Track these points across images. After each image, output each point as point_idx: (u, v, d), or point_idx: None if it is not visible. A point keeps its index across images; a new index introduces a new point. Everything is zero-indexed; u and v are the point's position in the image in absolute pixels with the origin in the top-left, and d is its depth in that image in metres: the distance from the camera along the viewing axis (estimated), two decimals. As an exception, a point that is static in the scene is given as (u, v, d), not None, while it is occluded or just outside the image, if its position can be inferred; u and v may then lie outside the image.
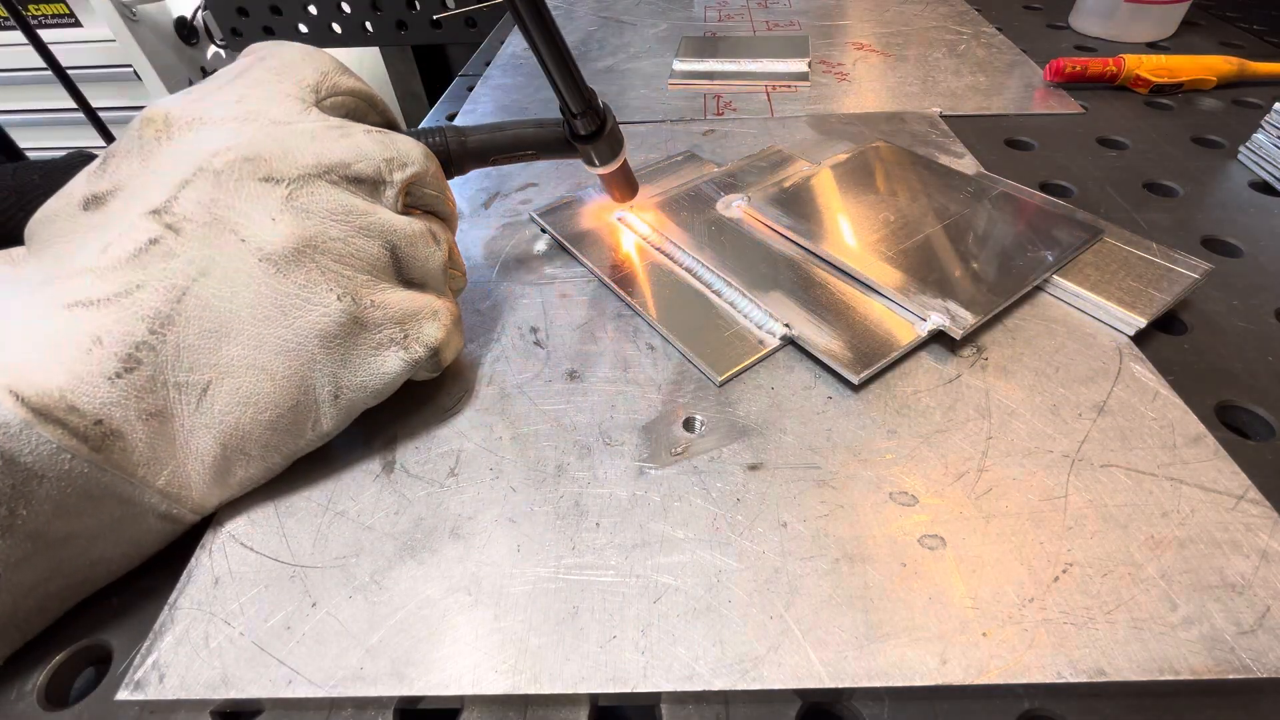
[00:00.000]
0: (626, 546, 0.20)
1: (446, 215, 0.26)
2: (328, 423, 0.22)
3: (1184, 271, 0.28)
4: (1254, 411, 0.24)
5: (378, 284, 0.22)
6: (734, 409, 0.25)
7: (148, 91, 0.97)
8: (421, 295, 0.23)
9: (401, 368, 0.22)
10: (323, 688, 0.18)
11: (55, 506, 0.17)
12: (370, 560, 0.21)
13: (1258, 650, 0.17)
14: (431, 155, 0.25)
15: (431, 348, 0.23)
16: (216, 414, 0.20)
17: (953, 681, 0.17)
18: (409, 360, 0.22)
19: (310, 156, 0.21)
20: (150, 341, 0.19)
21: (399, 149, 0.23)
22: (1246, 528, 0.20)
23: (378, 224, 0.22)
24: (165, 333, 0.19)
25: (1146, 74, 0.44)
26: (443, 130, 0.28)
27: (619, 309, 0.29)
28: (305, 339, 0.20)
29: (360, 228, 0.22)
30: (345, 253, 0.21)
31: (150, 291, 0.19)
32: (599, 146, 0.29)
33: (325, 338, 0.21)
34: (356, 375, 0.22)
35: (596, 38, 0.59)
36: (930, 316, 0.26)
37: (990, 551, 0.20)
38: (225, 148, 0.21)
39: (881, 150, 0.37)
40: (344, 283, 0.21)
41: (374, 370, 0.22)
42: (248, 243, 0.20)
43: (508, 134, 0.29)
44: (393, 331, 0.22)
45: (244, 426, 0.20)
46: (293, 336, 0.20)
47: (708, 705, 0.18)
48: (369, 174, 0.22)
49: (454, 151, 0.28)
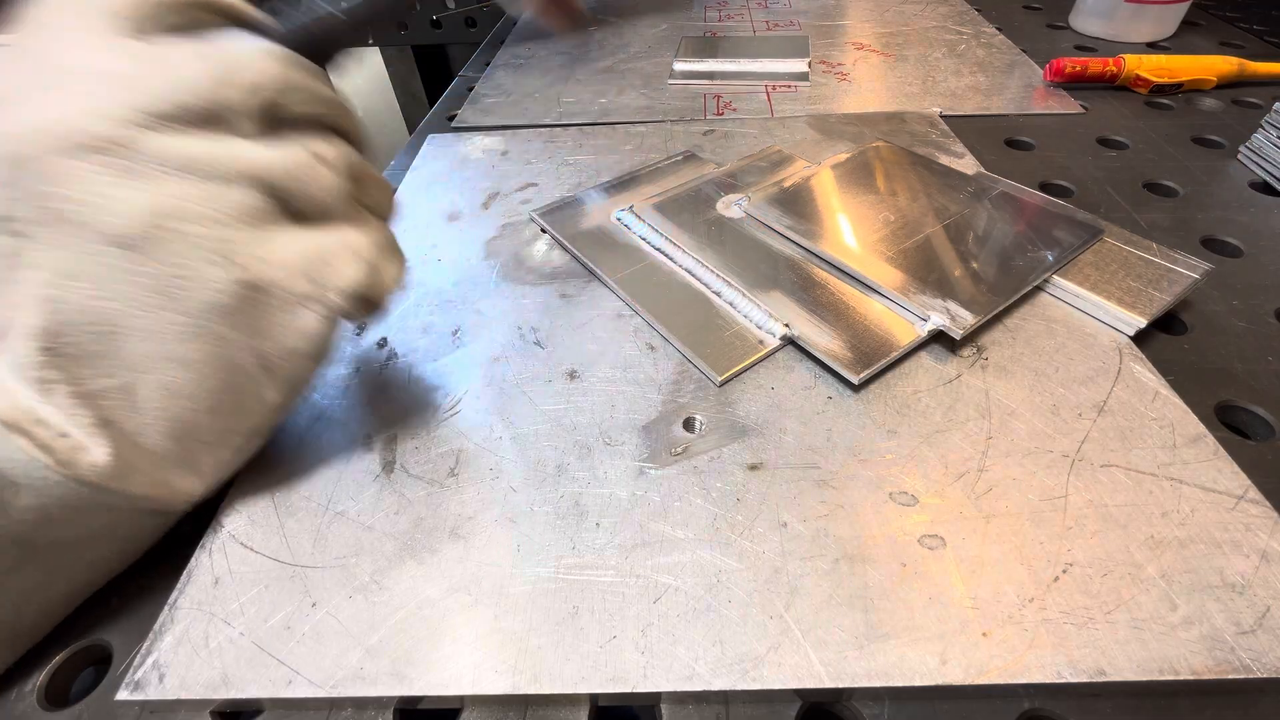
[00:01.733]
0: (626, 546, 0.20)
1: (338, 123, 0.21)
2: (274, 395, 0.20)
3: (1184, 271, 0.28)
4: (1254, 411, 0.24)
5: (263, 235, 0.18)
6: (734, 409, 0.25)
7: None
8: (326, 231, 0.20)
9: (322, 324, 0.20)
10: (323, 688, 0.18)
11: (39, 515, 0.17)
12: (370, 560, 0.21)
13: (1258, 650, 0.17)
14: (290, 56, 0.19)
15: (352, 291, 0.20)
16: (153, 413, 0.18)
17: (953, 681, 0.17)
18: (328, 312, 0.20)
19: (122, 107, 0.17)
20: (50, 361, 0.17)
21: (235, 62, 0.18)
22: (1246, 528, 0.20)
23: (237, 165, 0.18)
24: (60, 347, 0.17)
25: (1146, 74, 0.44)
26: (304, 6, 0.22)
27: (619, 309, 0.29)
28: (202, 319, 0.18)
29: (216, 176, 0.18)
30: (208, 212, 0.18)
31: (27, 312, 0.17)
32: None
33: (223, 312, 0.18)
34: (278, 342, 0.19)
35: (596, 38, 0.59)
36: (930, 316, 0.26)
37: (990, 551, 0.20)
38: (29, 125, 0.16)
39: (881, 150, 0.37)
40: (220, 247, 0.18)
41: (296, 332, 0.19)
42: (96, 230, 0.17)
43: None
44: (300, 284, 0.19)
45: (185, 418, 0.18)
46: (188, 320, 0.18)
47: (708, 705, 0.18)
48: (200, 107, 0.18)
49: (318, 34, 0.22)
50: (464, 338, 0.28)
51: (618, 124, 0.44)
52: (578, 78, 0.51)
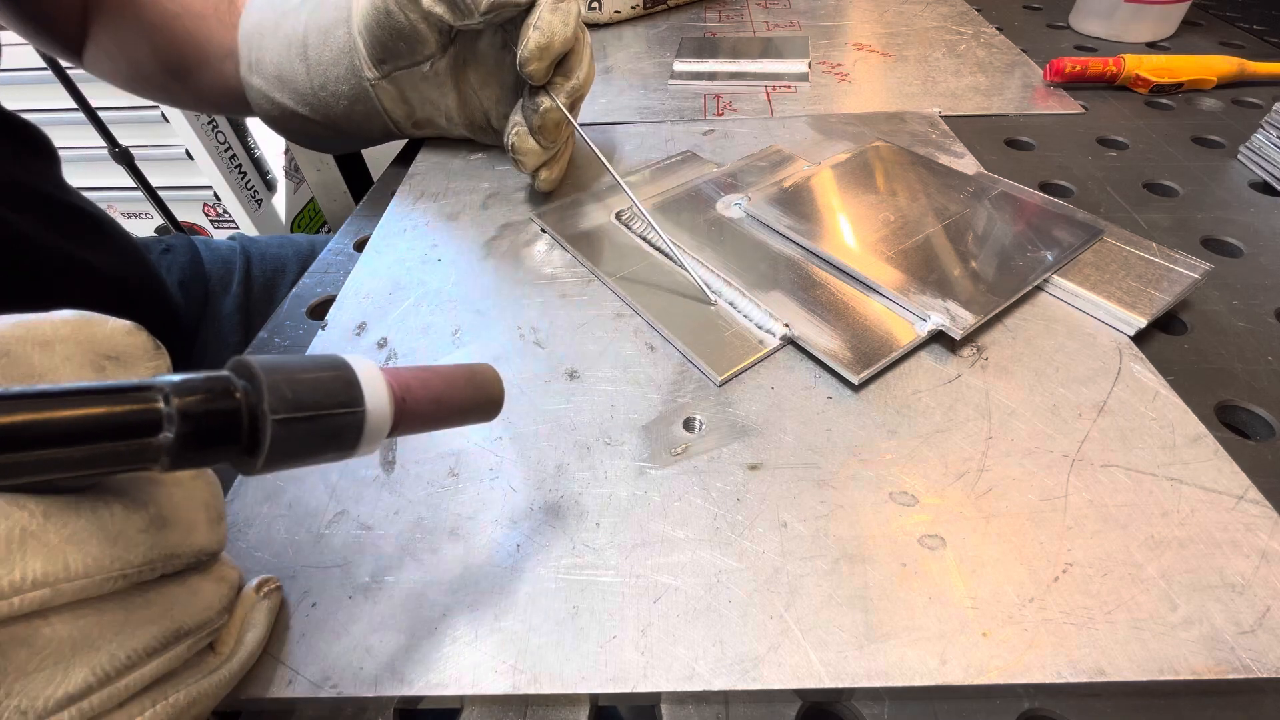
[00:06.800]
0: (626, 546, 0.20)
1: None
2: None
3: (1184, 271, 0.28)
4: (1254, 411, 0.24)
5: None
6: (734, 409, 0.25)
7: (147, 91, 0.96)
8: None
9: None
10: (323, 688, 0.18)
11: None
12: (370, 560, 0.21)
13: (1258, 650, 0.17)
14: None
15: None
16: None
17: (953, 681, 0.17)
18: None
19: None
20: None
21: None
22: (1246, 528, 0.20)
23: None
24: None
25: (1146, 74, 0.44)
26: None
27: (619, 309, 0.29)
28: None
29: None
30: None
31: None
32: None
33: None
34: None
35: (596, 38, 0.59)
36: (930, 316, 0.26)
37: (990, 551, 0.20)
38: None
39: (881, 150, 0.37)
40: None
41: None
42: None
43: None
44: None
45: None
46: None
47: (708, 705, 0.18)
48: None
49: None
50: (464, 338, 0.28)
51: (618, 124, 0.44)
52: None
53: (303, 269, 0.42)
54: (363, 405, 0.14)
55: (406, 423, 0.15)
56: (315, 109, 0.37)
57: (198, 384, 0.12)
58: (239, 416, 0.12)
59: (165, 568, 0.15)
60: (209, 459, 0.12)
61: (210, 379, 0.12)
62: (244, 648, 0.17)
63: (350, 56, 0.34)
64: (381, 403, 0.14)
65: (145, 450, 0.11)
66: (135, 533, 0.14)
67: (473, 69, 0.36)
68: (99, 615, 0.14)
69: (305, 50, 0.35)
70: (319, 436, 0.13)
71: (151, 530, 0.14)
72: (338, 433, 0.14)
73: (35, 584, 0.12)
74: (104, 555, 0.13)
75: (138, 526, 0.14)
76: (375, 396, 0.14)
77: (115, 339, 0.15)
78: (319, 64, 0.35)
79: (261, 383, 0.12)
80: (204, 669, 0.16)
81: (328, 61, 0.35)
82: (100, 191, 1.13)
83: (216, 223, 1.16)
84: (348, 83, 0.35)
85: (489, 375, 0.18)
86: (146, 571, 0.14)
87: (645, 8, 0.62)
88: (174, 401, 0.11)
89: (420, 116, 0.38)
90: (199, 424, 0.12)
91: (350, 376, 0.14)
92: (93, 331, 0.15)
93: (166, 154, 1.06)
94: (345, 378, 0.14)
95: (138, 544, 0.14)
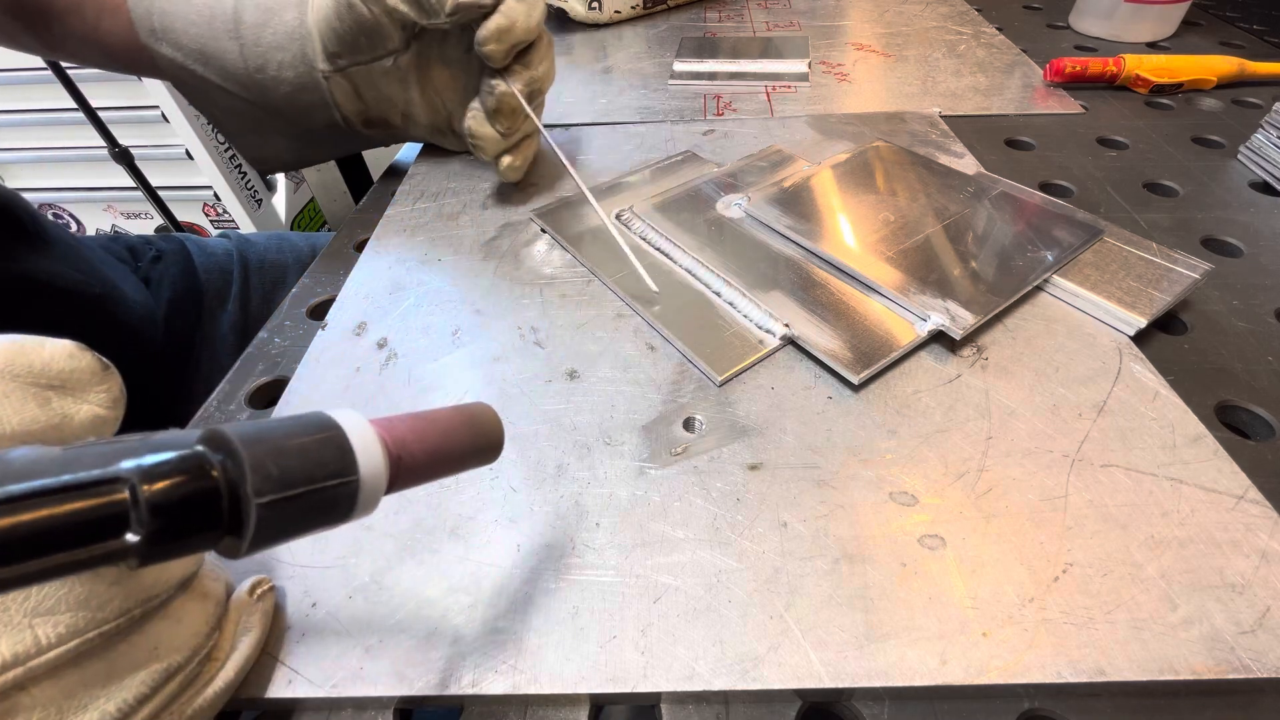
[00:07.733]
0: (626, 546, 0.20)
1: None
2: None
3: (1184, 271, 0.28)
4: (1254, 411, 0.24)
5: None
6: (734, 409, 0.25)
7: (146, 90, 0.97)
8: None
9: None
10: (323, 688, 0.18)
11: None
12: (370, 560, 0.21)
13: (1258, 650, 0.17)
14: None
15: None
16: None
17: (953, 681, 0.17)
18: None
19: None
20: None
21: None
22: (1246, 528, 0.20)
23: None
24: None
25: (1146, 74, 0.44)
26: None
27: (619, 309, 0.29)
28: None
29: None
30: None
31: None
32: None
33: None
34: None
35: (596, 38, 0.59)
36: (930, 316, 0.26)
37: (990, 551, 0.20)
38: None
39: (881, 150, 0.37)
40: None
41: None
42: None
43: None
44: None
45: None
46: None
47: (708, 705, 0.18)
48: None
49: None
50: (464, 338, 0.28)
51: (618, 124, 0.44)
52: (577, 78, 0.51)
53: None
54: (356, 474, 0.12)
55: (403, 481, 0.14)
56: (249, 89, 0.33)
57: (169, 466, 0.10)
58: (218, 498, 0.11)
59: (144, 609, 0.14)
60: (186, 549, 0.11)
61: (184, 459, 0.11)
62: (240, 653, 0.17)
63: (301, 43, 0.32)
64: (377, 466, 0.13)
65: (111, 554, 0.10)
66: (105, 588, 0.13)
67: (437, 69, 0.35)
68: (81, 673, 0.13)
69: (238, 29, 0.32)
70: (310, 512, 0.12)
71: (123, 580, 0.13)
72: (330, 506, 0.12)
73: (5, 665, 0.11)
74: (76, 620, 0.12)
75: (108, 581, 0.13)
76: (369, 460, 0.13)
77: (56, 364, 0.14)
78: (257, 45, 0.32)
79: (242, 459, 0.11)
80: (200, 682, 0.16)
81: (269, 44, 0.32)
82: (100, 191, 1.13)
83: (216, 223, 1.16)
84: (294, 70, 0.33)
85: (488, 417, 0.17)
86: (125, 623, 0.14)
87: (645, 8, 0.62)
88: (142, 490, 0.10)
89: (374, 114, 0.36)
90: (172, 516, 0.10)
91: (341, 441, 0.12)
92: (29, 359, 0.14)
93: (166, 154, 1.06)
94: (336, 442, 0.12)
95: (110, 599, 0.13)
